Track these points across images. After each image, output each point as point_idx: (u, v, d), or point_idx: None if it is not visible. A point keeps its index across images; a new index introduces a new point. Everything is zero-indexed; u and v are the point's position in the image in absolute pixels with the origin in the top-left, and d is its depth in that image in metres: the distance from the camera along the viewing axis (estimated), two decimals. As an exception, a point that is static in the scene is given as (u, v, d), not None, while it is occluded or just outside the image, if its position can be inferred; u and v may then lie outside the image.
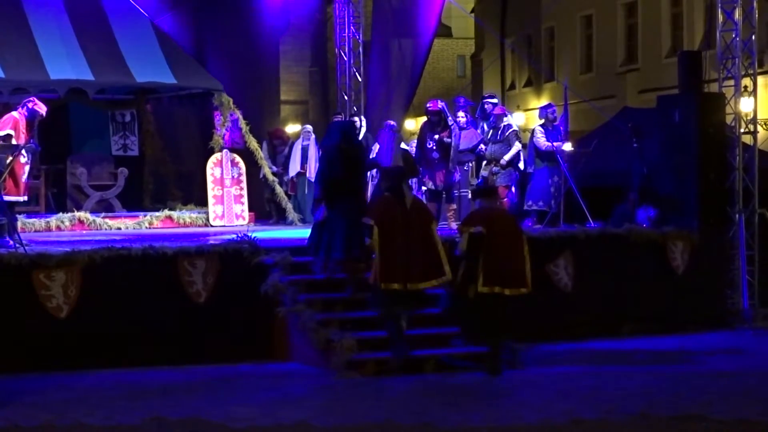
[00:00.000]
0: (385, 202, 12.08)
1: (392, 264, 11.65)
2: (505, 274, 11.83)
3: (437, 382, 11.36)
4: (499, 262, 11.79)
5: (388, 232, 11.69)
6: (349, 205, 12.47)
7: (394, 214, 11.78)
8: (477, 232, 11.76)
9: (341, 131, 12.93)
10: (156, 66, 18.81)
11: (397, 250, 11.65)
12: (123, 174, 19.65)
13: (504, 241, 11.88)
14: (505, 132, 16.56)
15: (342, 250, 12.48)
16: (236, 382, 11.43)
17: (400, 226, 11.74)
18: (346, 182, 12.50)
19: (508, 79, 38.35)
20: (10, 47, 17.78)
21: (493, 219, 12.00)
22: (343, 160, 12.54)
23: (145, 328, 12.21)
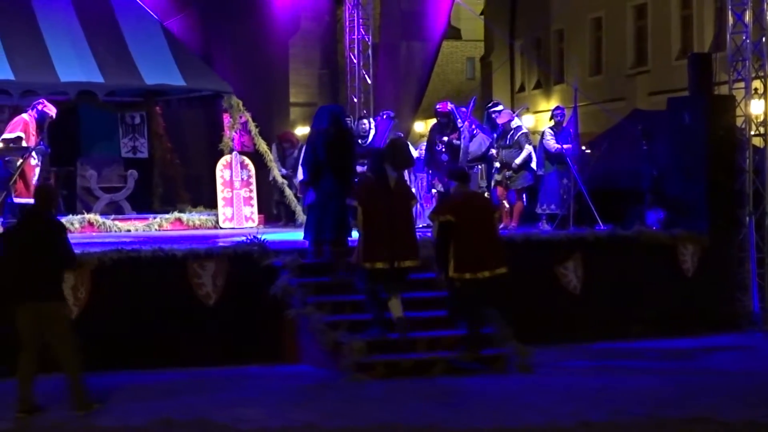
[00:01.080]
0: (368, 183, 12.23)
1: (377, 243, 11.77)
2: (478, 259, 11.89)
3: (446, 385, 11.35)
4: (471, 248, 11.86)
5: (372, 212, 11.82)
6: (337, 187, 12.67)
7: (377, 195, 11.90)
8: (446, 221, 11.88)
9: (329, 115, 13.04)
10: (165, 68, 18.84)
11: (381, 229, 11.77)
12: (132, 176, 19.68)
13: (475, 226, 11.94)
14: (514, 135, 16.53)
15: (331, 232, 12.72)
16: (245, 384, 11.44)
17: (384, 206, 11.85)
18: (333, 165, 12.68)
19: (517, 82, 38.31)
20: (20, 50, 17.82)
21: (463, 205, 12.06)
22: (330, 143, 12.71)
23: (154, 330, 12.22)
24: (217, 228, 18.35)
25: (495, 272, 11.96)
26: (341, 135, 12.91)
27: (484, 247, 11.95)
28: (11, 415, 9.82)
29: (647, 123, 17.60)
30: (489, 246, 12.01)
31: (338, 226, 12.77)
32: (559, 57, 35.58)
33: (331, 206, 12.70)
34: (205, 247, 12.97)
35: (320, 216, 12.81)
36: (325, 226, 12.78)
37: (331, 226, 12.75)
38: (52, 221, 10.03)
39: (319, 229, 12.85)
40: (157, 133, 20.61)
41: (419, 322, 12.56)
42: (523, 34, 36.37)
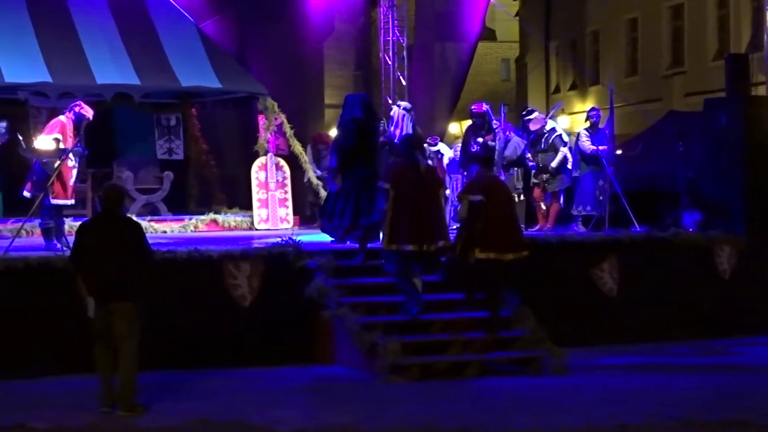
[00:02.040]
0: (399, 167, 12.47)
1: (406, 226, 12.05)
2: (504, 240, 12.24)
3: (480, 387, 11.33)
4: (497, 229, 12.21)
5: (402, 196, 12.07)
6: (364, 173, 13.07)
7: (408, 179, 12.15)
8: (477, 201, 12.18)
9: (357, 104, 13.45)
10: (201, 70, 18.94)
11: (410, 212, 12.04)
12: (168, 178, 19.78)
13: (501, 208, 12.34)
14: (549, 138, 16.48)
15: (350, 218, 13.08)
16: (280, 385, 11.46)
17: (414, 190, 12.11)
18: (361, 152, 13.10)
19: (552, 83, 38.19)
20: (58, 52, 17.96)
21: (490, 187, 12.45)
22: (358, 131, 13.16)
23: (189, 330, 12.28)
24: (253, 229, 18.42)
25: (519, 255, 12.32)
26: (368, 123, 13.30)
27: (508, 229, 12.35)
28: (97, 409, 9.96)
29: (683, 124, 17.54)
30: (512, 228, 12.44)
31: (367, 212, 13.05)
32: (595, 58, 35.44)
33: (356, 192, 13.07)
34: (241, 249, 13.02)
35: (346, 201, 13.11)
36: (348, 212, 13.10)
37: (353, 212, 13.09)
38: (127, 220, 10.12)
39: (344, 215, 13.15)
40: (193, 135, 20.70)
41: (453, 323, 12.58)
42: (558, 35, 36.26)
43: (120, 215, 10.09)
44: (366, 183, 13.06)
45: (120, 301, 9.79)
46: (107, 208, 10.08)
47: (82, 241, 10.01)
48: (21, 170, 14.96)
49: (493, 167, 13.00)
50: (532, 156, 16.53)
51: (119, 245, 9.80)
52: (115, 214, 10.02)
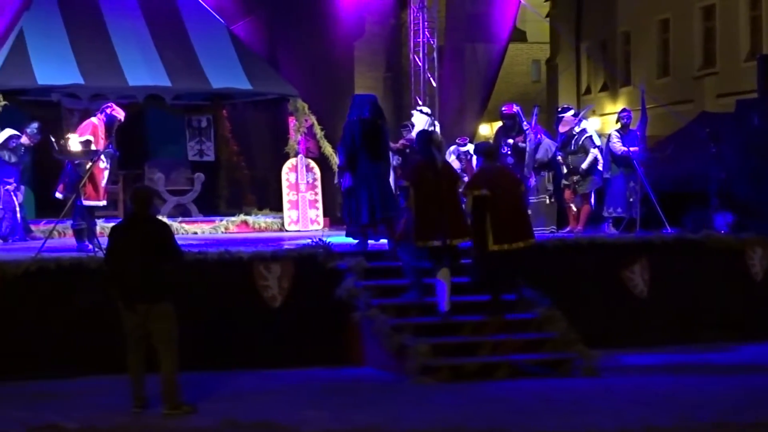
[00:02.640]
0: (418, 165, 12.67)
1: (430, 222, 12.20)
2: (513, 230, 12.42)
3: (511, 389, 11.30)
4: (506, 220, 12.39)
5: (423, 192, 12.26)
6: (373, 172, 13.35)
7: (427, 176, 12.33)
8: (482, 194, 12.37)
9: (365, 104, 13.68)
10: (232, 72, 19.00)
11: (432, 208, 12.21)
12: (199, 179, 19.86)
13: (508, 199, 12.49)
14: (579, 140, 16.43)
15: (367, 215, 13.29)
16: (310, 386, 11.48)
17: (433, 186, 12.28)
18: (368, 151, 13.35)
19: (583, 84, 38.09)
20: (90, 54, 18.07)
21: (496, 179, 12.59)
22: (364, 130, 13.38)
23: (220, 331, 12.32)
24: (283, 231, 18.45)
25: (528, 242, 12.52)
26: (374, 123, 13.49)
27: (516, 219, 12.52)
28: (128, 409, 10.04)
29: (715, 125, 17.43)
30: (520, 218, 12.62)
31: (373, 209, 13.30)
32: (626, 59, 35.32)
33: (366, 190, 13.29)
34: (271, 250, 13.05)
35: (358, 200, 13.36)
36: (362, 210, 13.33)
37: (368, 209, 13.30)
38: (156, 222, 10.17)
39: (359, 213, 13.39)
40: (224, 137, 20.78)
41: (483, 324, 12.56)
42: (589, 36, 36.17)
43: (149, 216, 10.14)
44: (375, 179, 13.35)
45: (153, 302, 9.84)
46: (136, 210, 10.14)
47: (113, 243, 10.07)
48: (53, 172, 15.06)
49: (496, 159, 13.26)
50: (562, 158, 16.49)
51: (149, 246, 9.85)
52: (144, 216, 10.07)
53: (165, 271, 9.94)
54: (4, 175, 16.07)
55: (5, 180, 16.08)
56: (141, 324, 9.90)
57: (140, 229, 9.97)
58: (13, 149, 16.17)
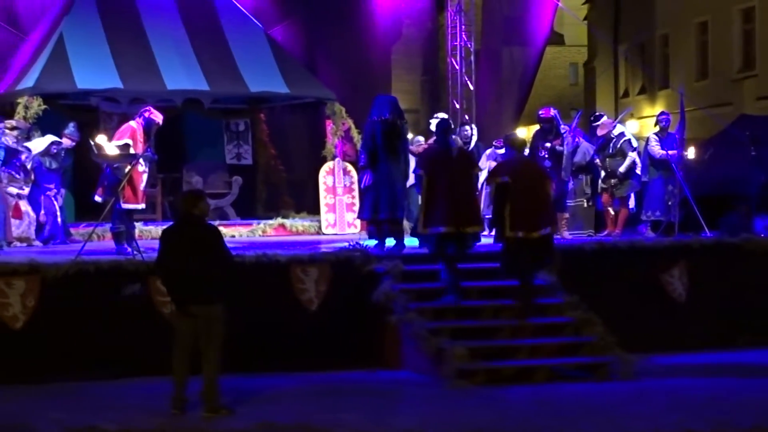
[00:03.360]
0: (433, 153, 12.98)
1: (442, 209, 12.43)
2: (531, 219, 12.54)
3: (548, 393, 11.27)
4: (526, 208, 12.52)
5: (437, 180, 12.51)
6: (391, 170, 13.68)
7: (441, 162, 12.61)
8: (503, 182, 12.56)
9: (386, 105, 13.99)
10: (269, 76, 19.07)
11: (445, 196, 12.44)
12: (237, 182, 19.94)
13: (530, 189, 12.62)
14: (617, 143, 16.37)
15: (387, 211, 13.66)
16: (347, 389, 11.49)
17: (448, 174, 12.53)
18: (387, 151, 13.66)
19: (621, 87, 37.88)
20: (129, 58, 18.19)
21: (518, 168, 12.78)
22: (384, 130, 13.68)
23: (257, 334, 12.34)
24: (320, 234, 18.48)
25: (546, 234, 12.67)
26: (392, 123, 13.78)
27: (536, 209, 12.61)
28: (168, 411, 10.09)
29: (755, 128, 17.33)
30: (541, 208, 12.70)
31: (392, 206, 13.67)
32: (664, 62, 35.10)
33: (386, 187, 13.62)
34: (308, 253, 13.08)
35: (376, 197, 13.66)
36: (381, 207, 13.65)
37: (386, 206, 13.64)
38: (207, 226, 10.21)
39: (376, 210, 13.70)
40: (261, 140, 20.85)
41: (521, 328, 12.54)
42: (627, 38, 35.99)
43: (199, 220, 10.18)
44: (393, 179, 13.69)
45: (203, 304, 9.89)
46: (186, 213, 10.19)
47: (165, 245, 10.13)
48: (92, 175, 15.17)
49: (522, 149, 13.46)
50: (600, 161, 16.44)
51: (199, 249, 9.91)
52: (194, 219, 10.13)
53: (216, 274, 9.99)
54: (45, 181, 16.20)
55: (46, 186, 16.21)
56: (192, 326, 9.95)
57: (191, 232, 10.02)
58: (54, 155, 16.31)
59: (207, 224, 10.24)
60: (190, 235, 9.99)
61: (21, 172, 15.77)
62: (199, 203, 10.27)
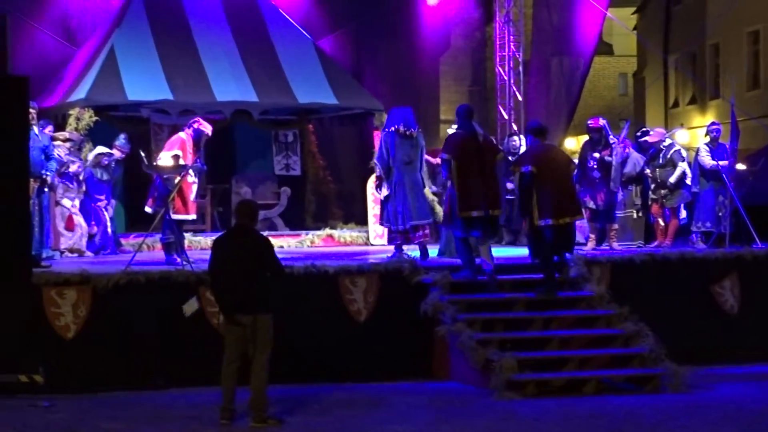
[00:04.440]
0: (459, 138, 13.15)
1: (471, 194, 12.77)
2: (559, 206, 12.78)
3: (598, 405, 11.20)
4: (553, 196, 12.76)
5: (464, 165, 12.83)
6: (407, 179, 14.05)
7: (467, 149, 12.90)
8: (526, 171, 12.78)
9: (398, 116, 14.30)
10: (318, 87, 19.14)
11: (474, 180, 12.78)
12: (285, 193, 20.01)
13: (556, 176, 12.88)
14: (667, 153, 16.26)
15: (403, 221, 13.98)
16: (395, 400, 11.48)
17: (474, 159, 12.85)
18: (403, 161, 14.06)
19: (671, 97, 37.62)
20: (179, 70, 18.32)
21: (543, 156, 13.00)
22: (399, 141, 14.05)
23: (306, 344, 12.36)
24: (368, 245, 18.49)
25: (575, 218, 13.03)
26: (408, 134, 14.14)
27: (563, 196, 12.88)
28: (217, 421, 10.14)
29: (807, 138, 17.11)
30: (567, 194, 12.98)
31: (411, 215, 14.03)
32: (715, 72, 34.82)
33: (402, 197, 14.00)
34: (357, 264, 13.09)
35: (394, 208, 14.05)
36: (400, 217, 14.04)
37: (402, 215, 14.03)
38: (258, 236, 10.26)
39: (396, 220, 14.09)
40: (310, 151, 20.91)
41: (570, 340, 12.49)
42: (677, 48, 35.75)
43: (251, 230, 10.23)
44: (409, 188, 14.07)
45: (252, 314, 9.93)
46: (239, 223, 10.25)
47: (216, 255, 10.18)
48: (143, 186, 15.29)
49: (545, 136, 13.54)
50: (650, 172, 16.34)
51: (250, 259, 9.96)
52: (246, 229, 10.18)
53: (266, 284, 10.03)
54: (96, 192, 16.35)
55: (97, 197, 16.37)
56: (242, 336, 9.98)
57: (242, 241, 10.07)
58: (105, 166, 16.46)
59: (257, 234, 10.28)
60: (240, 245, 10.04)
61: (74, 182, 15.94)
62: (254, 214, 10.33)
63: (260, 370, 9.98)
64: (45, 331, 11.85)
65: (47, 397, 10.92)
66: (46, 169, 13.87)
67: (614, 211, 15.93)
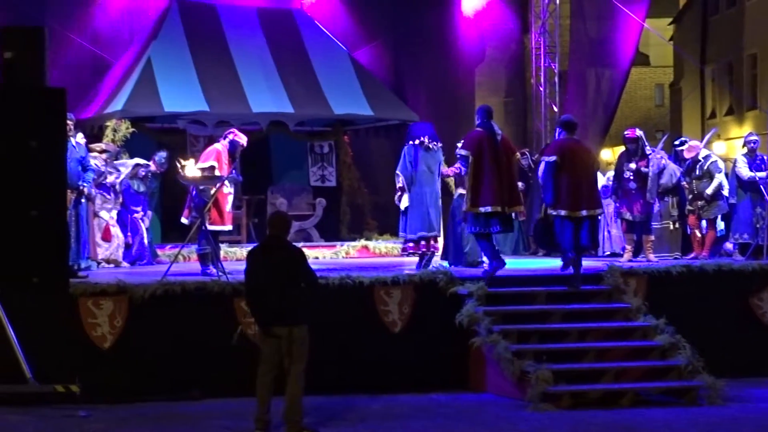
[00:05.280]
0: (478, 135, 13.51)
1: (488, 189, 13.19)
2: (580, 198, 13.13)
3: (634, 417, 11.13)
4: (575, 187, 13.11)
5: (481, 162, 13.25)
6: (428, 190, 14.37)
7: (486, 146, 13.31)
8: (550, 161, 13.16)
9: (417, 130, 14.64)
10: (354, 98, 19.18)
11: (490, 177, 13.19)
12: (321, 204, 20.05)
13: (578, 168, 13.21)
14: (704, 165, 16.17)
15: (419, 230, 14.31)
16: (431, 412, 11.45)
17: (492, 156, 13.28)
18: (421, 173, 14.36)
19: (708, 108, 37.43)
20: (215, 82, 18.42)
21: (567, 149, 13.30)
22: (422, 154, 14.37)
23: (341, 355, 12.37)
24: (404, 256, 18.44)
25: (592, 212, 13.26)
26: (432, 148, 14.46)
27: (585, 187, 13.21)
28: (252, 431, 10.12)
29: None
30: (588, 188, 13.30)
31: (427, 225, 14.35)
32: (752, 82, 34.60)
33: (420, 208, 14.32)
34: (392, 275, 13.08)
35: (413, 217, 14.37)
36: (416, 226, 14.33)
37: (419, 225, 14.32)
38: (292, 247, 10.28)
39: (413, 229, 14.39)
40: (345, 162, 20.95)
41: (606, 352, 12.42)
42: (714, 59, 35.58)
43: (285, 241, 10.26)
44: (423, 200, 14.34)
45: (288, 325, 9.94)
46: (273, 234, 10.28)
47: (250, 266, 10.21)
48: (179, 197, 15.36)
49: (574, 131, 13.69)
50: (687, 183, 16.25)
51: (285, 271, 9.97)
52: (281, 240, 10.20)
53: (301, 295, 10.05)
54: (132, 203, 16.46)
55: (133, 208, 16.47)
56: (278, 347, 9.99)
57: (276, 253, 10.09)
58: (142, 178, 16.56)
59: (292, 245, 10.29)
60: (274, 256, 10.06)
61: (111, 193, 16.05)
62: (288, 225, 10.36)
63: (296, 381, 9.98)
64: (82, 341, 11.90)
65: (84, 407, 10.96)
66: (83, 180, 13.98)
67: (650, 222, 15.86)
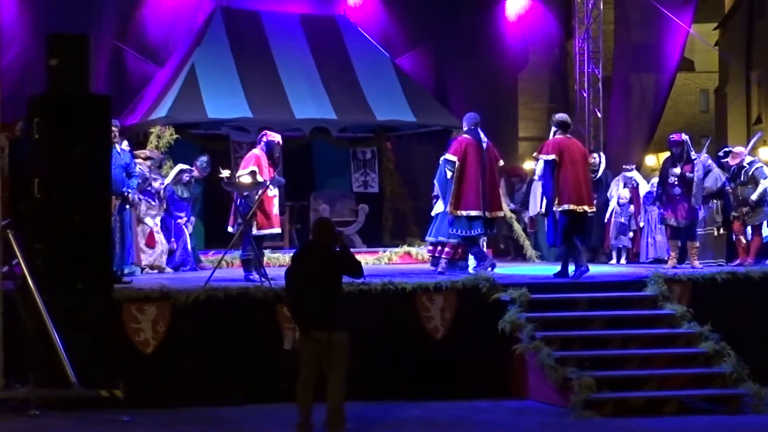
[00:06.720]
0: (464, 142, 14.41)
1: (471, 194, 14.10)
2: (578, 194, 13.64)
3: (678, 425, 11.06)
4: (573, 184, 13.63)
5: (467, 167, 14.15)
6: None
7: (471, 152, 14.19)
8: (550, 160, 13.68)
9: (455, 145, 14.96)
10: (396, 104, 19.18)
11: (474, 182, 14.07)
12: (363, 210, 20.05)
13: (575, 166, 13.72)
14: (749, 171, 16.03)
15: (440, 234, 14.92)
16: (473, 419, 11.43)
17: (477, 162, 14.18)
18: None
19: (753, 113, 37.11)
20: (258, 88, 18.47)
21: (564, 147, 13.78)
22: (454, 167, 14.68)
23: (382, 362, 12.36)
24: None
25: (591, 208, 13.87)
26: None
27: (582, 185, 13.75)
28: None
29: None
30: (586, 184, 13.85)
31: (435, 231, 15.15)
32: (799, 87, 34.33)
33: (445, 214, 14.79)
34: (434, 281, 13.06)
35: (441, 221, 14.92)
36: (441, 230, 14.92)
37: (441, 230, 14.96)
38: (333, 252, 10.29)
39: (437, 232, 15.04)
40: (388, 168, 20.94)
41: (649, 359, 12.34)
42: (760, 64, 35.30)
43: (328, 246, 10.27)
44: None
45: (330, 330, 9.95)
46: (317, 239, 10.30)
47: (291, 270, 10.24)
48: (222, 203, 15.42)
49: (568, 130, 14.19)
50: (732, 189, 16.12)
51: (327, 275, 10.00)
52: (323, 245, 10.22)
53: (342, 300, 10.05)
54: (176, 209, 16.55)
55: (177, 214, 16.56)
56: (318, 352, 10.00)
57: (319, 257, 10.11)
58: (186, 184, 16.65)
59: (333, 251, 10.31)
60: (316, 260, 10.08)
61: (156, 199, 16.15)
62: (332, 230, 10.37)
63: (336, 387, 9.98)
64: (125, 346, 11.97)
65: (127, 411, 11.02)
66: (127, 186, 14.07)
67: (695, 228, 15.74)
